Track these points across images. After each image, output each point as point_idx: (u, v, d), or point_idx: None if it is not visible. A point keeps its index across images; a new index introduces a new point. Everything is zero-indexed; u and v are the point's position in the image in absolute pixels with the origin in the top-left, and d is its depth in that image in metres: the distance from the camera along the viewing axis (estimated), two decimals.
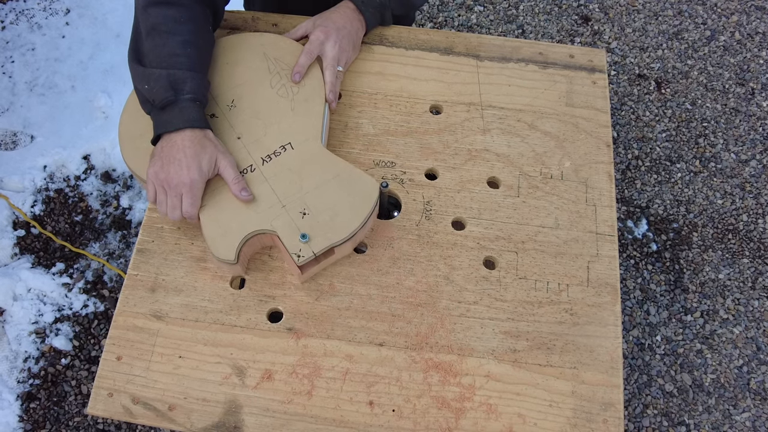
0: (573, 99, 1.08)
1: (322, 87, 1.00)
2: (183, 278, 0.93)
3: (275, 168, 0.93)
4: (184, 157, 0.86)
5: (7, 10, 2.29)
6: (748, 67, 2.31)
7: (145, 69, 0.89)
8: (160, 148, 0.88)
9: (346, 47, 1.03)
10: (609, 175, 1.02)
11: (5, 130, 2.07)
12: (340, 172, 0.93)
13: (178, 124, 0.87)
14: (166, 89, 0.86)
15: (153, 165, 0.88)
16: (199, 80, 0.90)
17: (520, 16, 2.42)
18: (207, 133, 0.89)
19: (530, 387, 0.87)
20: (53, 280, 1.85)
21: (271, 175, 0.92)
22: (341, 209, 0.90)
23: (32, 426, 1.68)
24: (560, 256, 0.96)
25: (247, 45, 1.04)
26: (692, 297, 1.92)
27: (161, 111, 0.88)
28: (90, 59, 2.21)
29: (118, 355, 0.88)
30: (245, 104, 0.98)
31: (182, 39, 0.89)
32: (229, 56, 1.02)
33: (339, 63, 1.02)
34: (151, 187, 0.89)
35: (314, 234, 0.88)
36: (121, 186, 2.01)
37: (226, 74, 1.00)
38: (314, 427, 0.84)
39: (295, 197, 0.91)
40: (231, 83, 1.00)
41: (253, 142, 0.95)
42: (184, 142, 0.86)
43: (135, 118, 0.95)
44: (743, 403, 1.77)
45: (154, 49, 0.89)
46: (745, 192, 2.08)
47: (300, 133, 0.96)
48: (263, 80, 1.00)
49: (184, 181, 0.86)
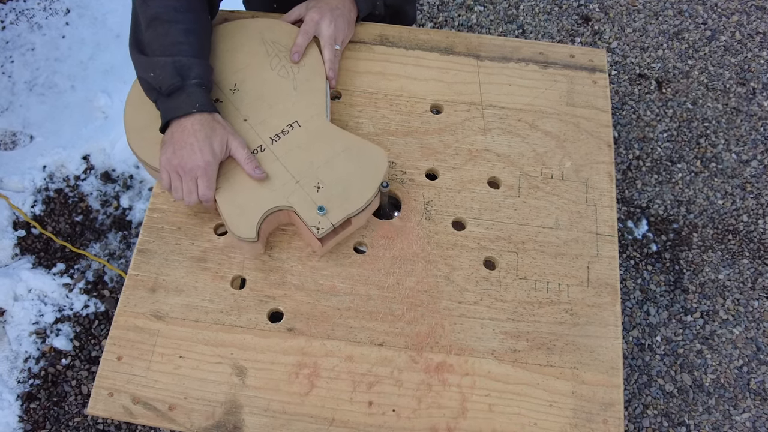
0: (574, 99, 1.08)
1: (321, 65, 1.02)
2: (183, 278, 0.93)
3: (285, 146, 0.95)
4: (196, 140, 0.86)
5: (7, 9, 2.29)
6: (749, 66, 2.31)
7: (149, 58, 0.89)
8: (170, 135, 0.88)
9: (341, 26, 1.04)
10: (610, 176, 1.02)
11: (5, 130, 2.07)
12: (348, 144, 0.95)
13: (186, 108, 0.87)
14: (173, 75, 0.87)
15: (164, 152, 0.88)
16: (204, 66, 0.91)
17: (520, 16, 2.42)
18: (215, 116, 0.90)
19: (530, 387, 0.87)
20: (54, 280, 1.85)
21: (281, 154, 0.94)
22: (354, 180, 0.92)
23: (32, 426, 1.68)
24: (560, 257, 0.96)
25: (244, 30, 1.05)
26: (692, 297, 1.91)
27: (168, 98, 0.88)
28: (90, 59, 2.21)
29: (119, 355, 0.88)
30: (248, 87, 0.99)
31: (184, 27, 0.90)
32: (227, 43, 1.04)
33: (336, 41, 1.03)
34: (164, 174, 0.89)
35: (331, 206, 0.90)
36: (121, 186, 2.01)
37: (226, 60, 1.02)
38: (314, 427, 0.84)
39: (308, 172, 0.92)
40: (232, 68, 1.01)
41: (259, 123, 0.97)
42: (195, 126, 0.87)
43: (139, 109, 0.96)
44: (743, 404, 1.77)
45: (157, 38, 0.89)
46: (746, 192, 2.08)
47: (305, 111, 0.98)
48: (263, 63, 1.02)
49: (199, 164, 0.87)
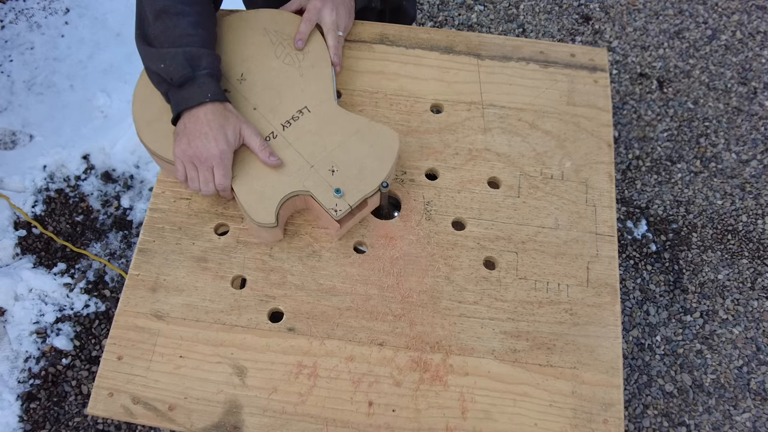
0: (574, 98, 1.08)
1: (326, 51, 1.04)
2: (184, 278, 0.93)
3: (296, 132, 0.96)
4: (210, 130, 0.87)
5: (7, 9, 2.29)
6: (750, 66, 2.30)
7: (158, 49, 0.89)
8: (183, 126, 0.89)
9: (342, 14, 1.05)
10: (609, 176, 1.02)
11: (4, 129, 2.07)
12: (359, 127, 0.96)
13: (199, 98, 0.87)
14: (184, 66, 0.87)
15: (179, 143, 0.89)
16: (213, 56, 0.92)
17: (520, 15, 2.42)
18: (227, 105, 0.91)
19: (530, 387, 0.87)
20: (54, 280, 1.85)
21: (294, 139, 0.95)
22: (368, 161, 0.93)
23: (32, 426, 1.68)
24: (560, 257, 0.96)
25: (246, 22, 1.06)
26: (692, 297, 1.91)
27: (180, 88, 0.89)
28: (89, 59, 2.21)
29: (119, 355, 0.88)
30: (255, 77, 1.00)
31: (192, 20, 0.91)
32: (230, 35, 1.05)
33: (338, 28, 1.04)
34: (179, 165, 0.90)
35: (347, 188, 0.91)
36: (121, 186, 2.01)
37: (230, 51, 1.03)
38: (314, 427, 0.84)
39: (322, 156, 0.94)
40: (237, 59, 1.02)
41: (269, 111, 0.98)
42: (207, 116, 0.87)
43: (148, 102, 0.97)
44: (743, 404, 1.77)
45: (166, 30, 0.90)
46: (745, 192, 2.08)
47: (314, 97, 0.99)
48: (268, 52, 1.03)
49: (214, 154, 0.87)
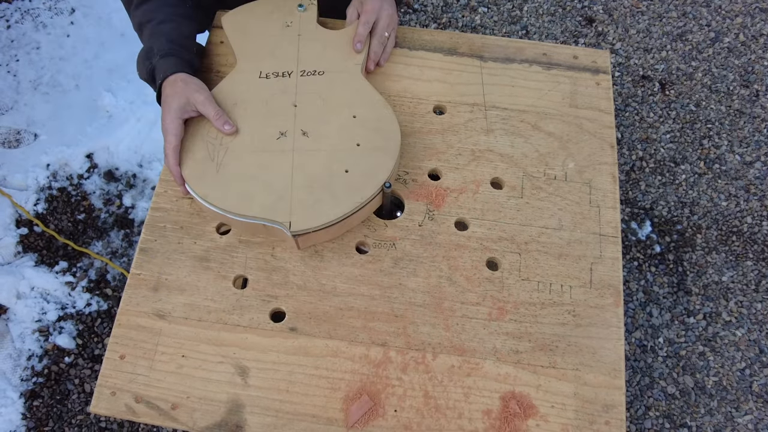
0: (577, 100, 1.08)
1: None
2: (186, 277, 0.93)
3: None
4: (165, 105, 0.94)
5: (13, 9, 2.30)
6: (753, 68, 2.30)
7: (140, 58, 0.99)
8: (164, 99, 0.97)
9: (393, 16, 1.07)
10: (613, 177, 1.02)
11: (9, 129, 2.07)
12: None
13: (160, 77, 0.95)
14: (147, 58, 0.96)
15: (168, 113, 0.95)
16: (161, 41, 0.97)
17: (524, 17, 2.42)
18: (180, 75, 0.95)
19: (532, 388, 0.87)
20: (56, 278, 1.85)
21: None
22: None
23: (35, 424, 1.68)
24: (563, 258, 0.95)
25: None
26: (695, 299, 1.91)
27: (150, 78, 0.99)
28: (94, 58, 2.22)
29: (122, 354, 0.88)
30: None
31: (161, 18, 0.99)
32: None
33: (386, 29, 1.06)
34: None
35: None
36: (124, 185, 2.02)
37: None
38: (316, 426, 0.84)
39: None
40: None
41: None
42: (166, 91, 0.95)
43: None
44: (745, 406, 1.76)
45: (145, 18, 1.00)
46: (750, 194, 2.07)
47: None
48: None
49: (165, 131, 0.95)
